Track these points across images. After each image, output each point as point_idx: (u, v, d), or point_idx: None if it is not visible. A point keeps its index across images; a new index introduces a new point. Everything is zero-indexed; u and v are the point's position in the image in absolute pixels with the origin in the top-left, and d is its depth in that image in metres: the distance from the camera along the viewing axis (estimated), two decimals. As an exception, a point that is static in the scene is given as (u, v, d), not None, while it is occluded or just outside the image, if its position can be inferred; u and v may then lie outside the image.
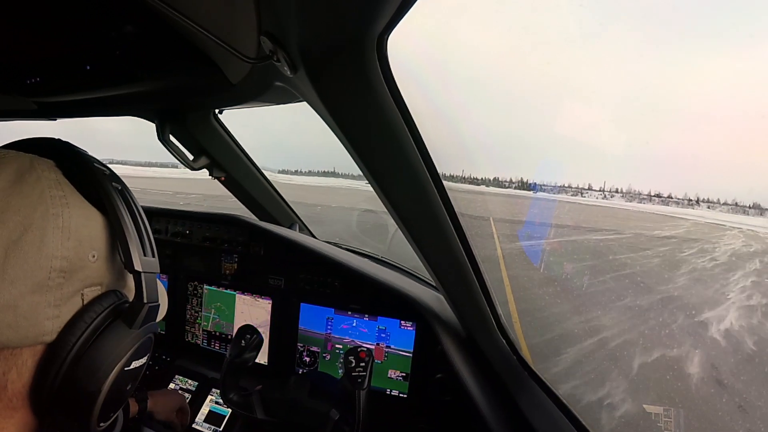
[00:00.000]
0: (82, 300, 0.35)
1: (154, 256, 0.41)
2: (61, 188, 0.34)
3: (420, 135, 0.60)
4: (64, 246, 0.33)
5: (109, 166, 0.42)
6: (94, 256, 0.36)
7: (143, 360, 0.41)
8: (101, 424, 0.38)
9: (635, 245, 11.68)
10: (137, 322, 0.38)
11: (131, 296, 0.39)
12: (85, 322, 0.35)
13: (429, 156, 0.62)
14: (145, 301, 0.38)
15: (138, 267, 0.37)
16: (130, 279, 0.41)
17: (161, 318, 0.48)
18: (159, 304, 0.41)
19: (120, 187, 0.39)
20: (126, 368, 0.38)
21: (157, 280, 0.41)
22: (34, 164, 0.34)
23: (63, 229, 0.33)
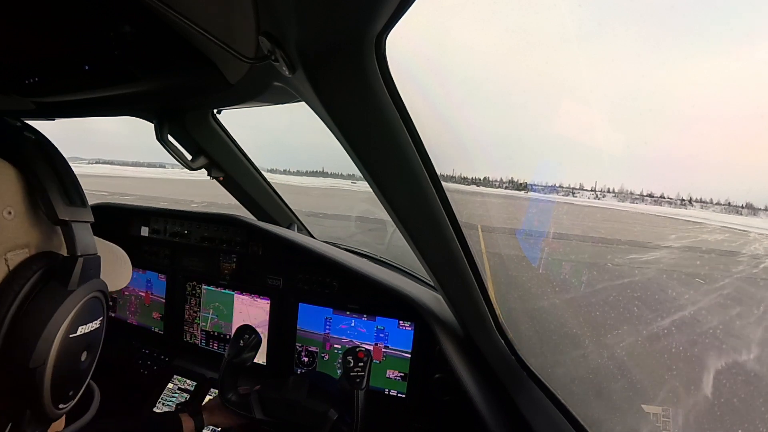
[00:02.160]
0: (7, 266, 0.31)
1: (83, 205, 0.36)
2: None
3: (418, 134, 0.60)
4: None
5: (97, 165, 0.39)
6: (10, 213, 0.31)
7: (95, 324, 0.36)
8: (60, 406, 0.34)
9: (700, 272, 6.83)
10: (73, 280, 0.33)
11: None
12: (14, 290, 0.30)
13: (427, 156, 0.63)
14: (78, 253, 0.33)
15: (62, 215, 0.33)
16: (57, 242, 0.36)
17: (123, 285, 0.43)
18: (98, 256, 0.36)
19: (34, 137, 0.36)
20: (72, 335, 0.33)
21: (90, 231, 0.36)
22: None
23: None
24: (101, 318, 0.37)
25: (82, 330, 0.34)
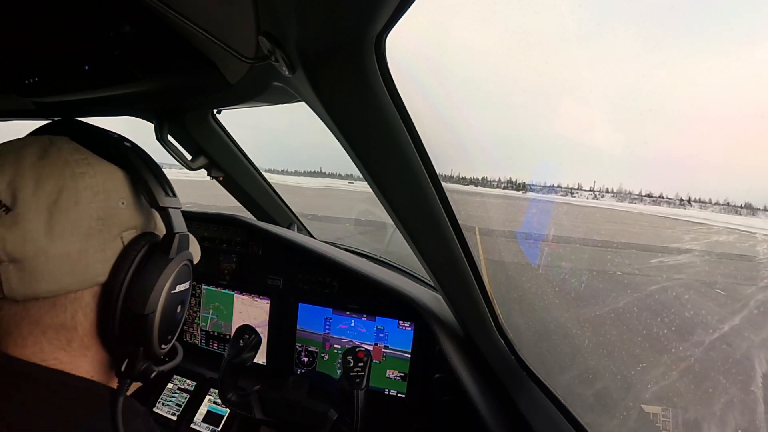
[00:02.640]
0: (122, 242, 0.41)
1: (175, 195, 0.46)
2: (81, 153, 0.40)
3: (418, 135, 0.60)
4: (96, 198, 0.39)
5: None
6: (123, 203, 0.41)
7: (186, 285, 0.47)
8: (162, 346, 0.44)
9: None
10: (173, 250, 0.43)
11: (161, 236, 0.45)
12: (129, 259, 0.40)
13: (427, 156, 0.63)
14: (175, 231, 0.44)
15: (163, 204, 0.43)
16: (159, 222, 0.46)
17: (197, 260, 0.53)
18: (188, 233, 0.47)
19: (130, 145, 0.45)
20: (172, 291, 0.43)
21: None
22: (53, 140, 0.40)
23: (91, 185, 0.38)
24: (189, 281, 0.48)
25: (179, 288, 0.45)
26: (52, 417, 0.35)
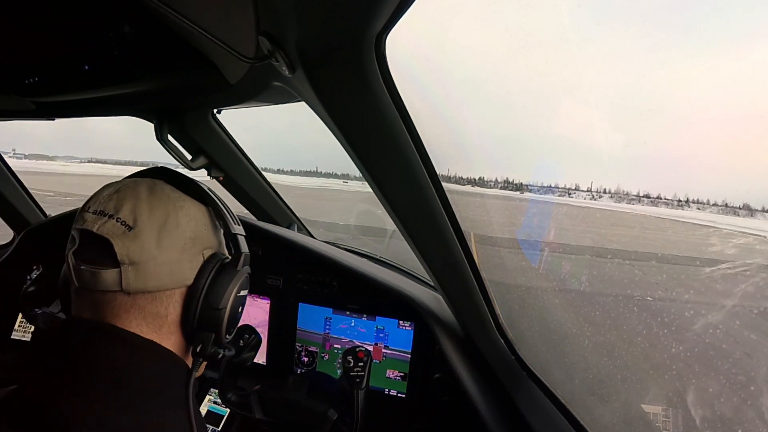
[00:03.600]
0: (203, 257, 0.53)
1: (240, 225, 0.59)
2: (177, 192, 0.53)
3: (418, 135, 0.60)
4: (189, 224, 0.51)
5: (87, 164, 0.47)
6: (205, 229, 0.54)
7: (246, 291, 0.59)
8: (227, 336, 0.56)
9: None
10: (240, 264, 0.56)
11: (227, 255, 0.58)
12: (208, 269, 0.53)
13: (427, 156, 0.63)
14: (242, 251, 0.56)
15: (234, 231, 0.56)
16: (224, 246, 0.59)
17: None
18: (249, 254, 0.58)
19: (207, 190, 0.57)
20: (238, 294, 0.55)
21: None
22: (155, 182, 0.52)
23: (187, 215, 0.51)
24: (247, 289, 0.60)
25: (242, 293, 0.57)
26: (144, 375, 0.48)
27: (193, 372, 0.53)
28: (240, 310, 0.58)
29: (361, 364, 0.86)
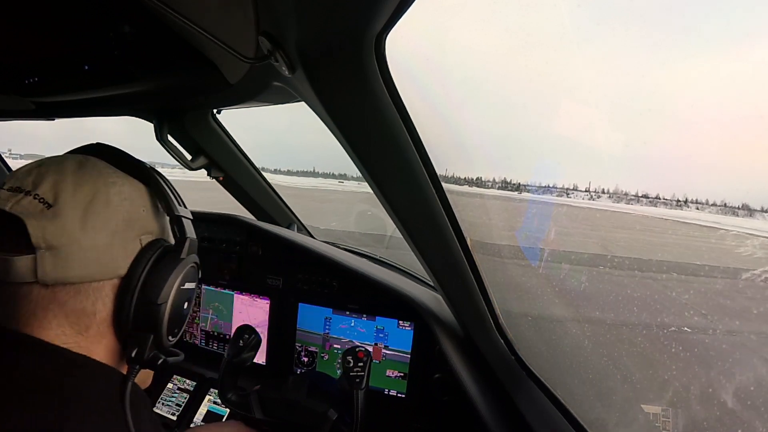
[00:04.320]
0: (141, 243, 0.46)
1: (185, 207, 0.53)
2: (111, 168, 0.46)
3: (418, 135, 0.60)
4: (123, 203, 0.45)
5: None
6: (144, 210, 0.47)
7: (193, 284, 0.52)
8: (170, 338, 0.49)
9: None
10: (184, 252, 0.49)
11: (172, 242, 0.51)
12: (146, 257, 0.46)
13: (427, 156, 0.63)
14: (187, 236, 0.50)
15: (177, 212, 0.49)
16: (169, 231, 0.52)
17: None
18: (196, 239, 0.52)
19: (149, 167, 0.51)
20: (182, 287, 0.48)
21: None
22: (87, 158, 0.46)
23: (120, 192, 0.45)
24: (196, 282, 0.53)
25: (187, 285, 0.50)
26: (70, 394, 0.39)
27: (128, 381, 0.44)
28: (186, 306, 0.51)
29: (360, 364, 0.86)
